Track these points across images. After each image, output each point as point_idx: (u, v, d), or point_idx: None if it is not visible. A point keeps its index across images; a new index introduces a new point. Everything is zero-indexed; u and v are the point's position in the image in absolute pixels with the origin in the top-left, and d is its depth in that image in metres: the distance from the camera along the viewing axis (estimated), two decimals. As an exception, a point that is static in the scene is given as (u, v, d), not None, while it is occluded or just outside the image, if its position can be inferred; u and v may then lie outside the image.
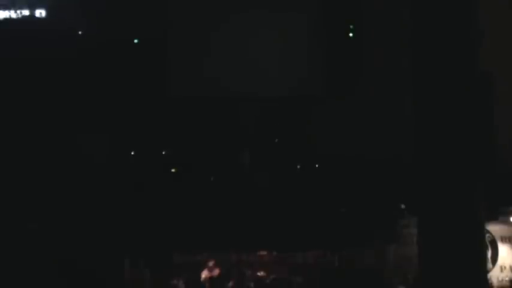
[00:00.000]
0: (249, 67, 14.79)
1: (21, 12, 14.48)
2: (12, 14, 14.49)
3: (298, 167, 15.18)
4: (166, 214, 14.50)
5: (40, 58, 14.11)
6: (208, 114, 14.97)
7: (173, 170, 15.10)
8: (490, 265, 13.45)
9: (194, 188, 14.82)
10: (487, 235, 12.58)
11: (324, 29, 15.03)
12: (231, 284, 14.28)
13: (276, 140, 15.12)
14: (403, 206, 13.73)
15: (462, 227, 9.25)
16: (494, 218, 13.35)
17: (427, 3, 9.75)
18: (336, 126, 14.69)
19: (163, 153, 15.15)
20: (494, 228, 13.90)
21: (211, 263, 14.60)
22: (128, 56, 14.92)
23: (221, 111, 15.06)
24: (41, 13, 14.56)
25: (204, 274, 14.54)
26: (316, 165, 15.09)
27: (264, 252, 15.14)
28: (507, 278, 13.81)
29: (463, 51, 9.64)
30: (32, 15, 14.49)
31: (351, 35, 15.06)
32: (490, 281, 12.75)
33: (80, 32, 14.56)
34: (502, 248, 14.23)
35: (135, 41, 15.06)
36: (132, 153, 14.97)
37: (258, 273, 14.91)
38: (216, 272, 14.53)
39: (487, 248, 12.76)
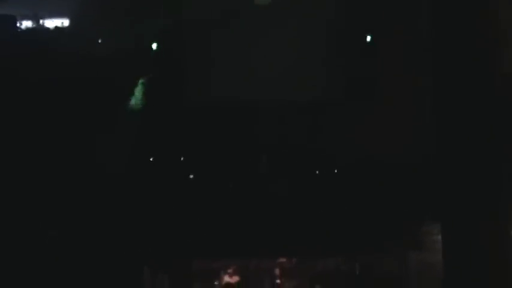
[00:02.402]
0: (266, 73, 14.74)
1: (43, 22, 14.65)
2: (35, 24, 14.68)
3: (317, 172, 15.07)
4: (185, 221, 14.45)
5: (62, 66, 14.19)
6: (226, 121, 14.93)
7: (191, 177, 15.06)
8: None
9: (212, 194, 14.77)
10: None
11: (342, 33, 14.96)
12: None
13: (294, 146, 15.03)
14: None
15: (488, 233, 9.11)
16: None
17: (446, 7, 9.67)
18: (355, 131, 14.57)
19: (182, 159, 15.12)
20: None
21: (231, 270, 14.59)
22: (147, 63, 14.97)
23: (239, 118, 15.00)
24: (62, 23, 14.71)
25: (224, 280, 14.53)
26: (335, 171, 14.97)
27: (283, 259, 15.02)
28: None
29: (484, 52, 9.53)
30: (55, 25, 14.68)
31: (368, 39, 14.97)
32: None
33: (100, 41, 14.65)
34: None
35: (154, 47, 15.08)
36: (151, 159, 14.97)
37: (277, 281, 14.82)
38: (236, 279, 14.52)
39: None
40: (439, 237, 10.52)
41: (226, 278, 14.60)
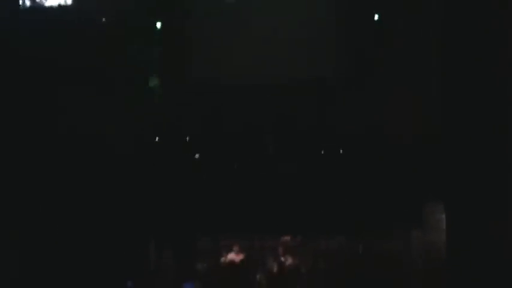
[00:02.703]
0: (270, 51, 14.71)
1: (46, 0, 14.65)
2: (38, 2, 14.65)
3: (322, 152, 15.12)
4: (190, 199, 14.55)
5: (65, 45, 14.20)
6: (231, 100, 14.94)
7: (197, 156, 15.13)
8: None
9: (217, 173, 14.84)
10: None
11: (350, 11, 14.89)
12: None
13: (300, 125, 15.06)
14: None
15: (492, 212, 9.16)
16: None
17: None
18: (359, 110, 14.59)
19: (187, 139, 15.19)
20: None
21: (235, 248, 14.71)
22: (151, 42, 14.98)
23: (244, 96, 15.01)
24: (66, 1, 14.73)
25: (229, 258, 14.66)
26: (340, 151, 15.01)
27: (287, 238, 15.12)
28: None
29: (493, 36, 9.52)
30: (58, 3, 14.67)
31: (376, 17, 14.93)
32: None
33: (104, 19, 14.66)
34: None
35: (158, 26, 15.07)
36: (157, 139, 15.05)
37: (281, 259, 14.93)
38: (240, 256, 14.65)
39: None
40: (443, 216, 10.60)
41: (231, 256, 14.72)
